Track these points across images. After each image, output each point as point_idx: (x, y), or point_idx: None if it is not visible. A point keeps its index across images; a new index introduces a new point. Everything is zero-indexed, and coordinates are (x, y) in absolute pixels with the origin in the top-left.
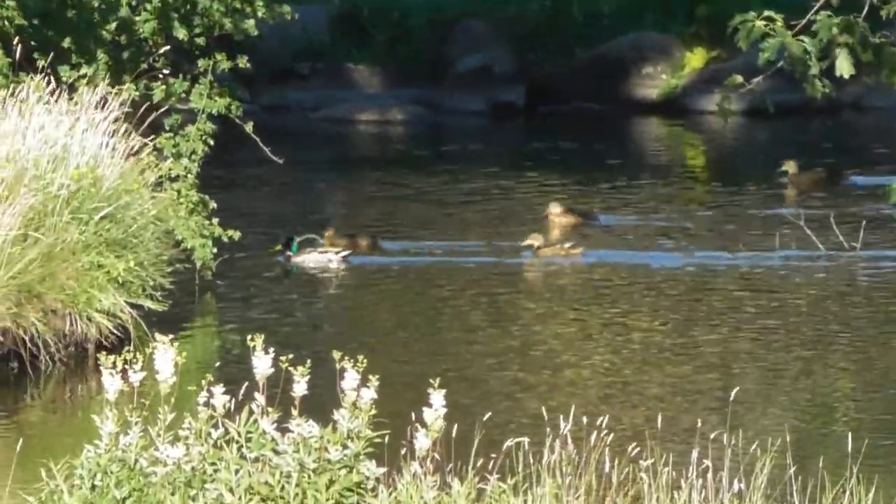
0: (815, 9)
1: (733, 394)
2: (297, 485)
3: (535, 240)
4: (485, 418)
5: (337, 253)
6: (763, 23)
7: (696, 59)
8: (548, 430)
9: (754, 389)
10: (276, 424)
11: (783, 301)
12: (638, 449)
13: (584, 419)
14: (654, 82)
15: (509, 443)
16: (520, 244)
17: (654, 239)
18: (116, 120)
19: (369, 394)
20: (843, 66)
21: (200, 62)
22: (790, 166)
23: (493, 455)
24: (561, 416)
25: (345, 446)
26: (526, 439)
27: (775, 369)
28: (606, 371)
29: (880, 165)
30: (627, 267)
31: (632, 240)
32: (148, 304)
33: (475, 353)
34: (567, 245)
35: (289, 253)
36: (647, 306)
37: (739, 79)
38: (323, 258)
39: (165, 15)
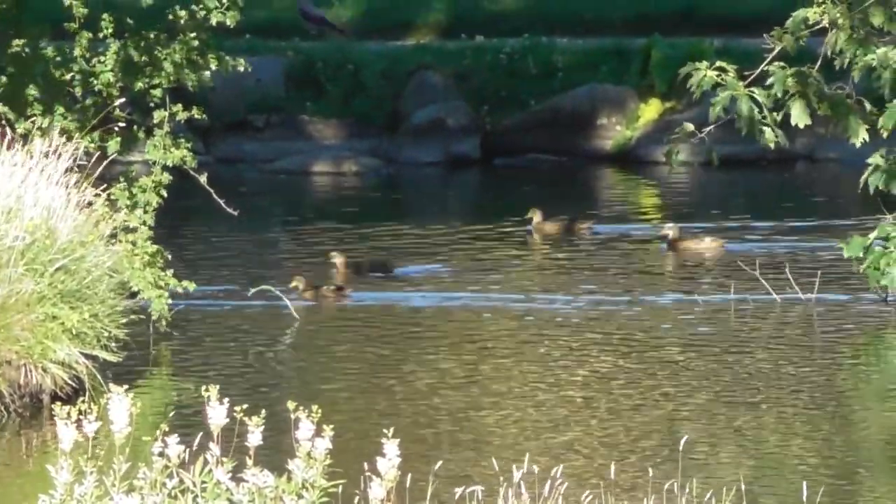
0: (768, 59)
1: (682, 442)
2: None
3: (298, 282)
4: (436, 467)
5: None
6: (715, 73)
7: (650, 110)
8: (501, 479)
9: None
10: (231, 474)
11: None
12: (591, 497)
13: (535, 468)
14: (609, 133)
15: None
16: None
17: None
18: (70, 171)
19: (324, 443)
20: (798, 117)
21: (156, 114)
22: (535, 214)
23: None
24: (514, 466)
25: (300, 496)
26: (479, 488)
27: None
28: (551, 416)
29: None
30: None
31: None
32: (103, 354)
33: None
34: (332, 287)
35: None
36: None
37: (691, 127)
38: None
39: (121, 67)
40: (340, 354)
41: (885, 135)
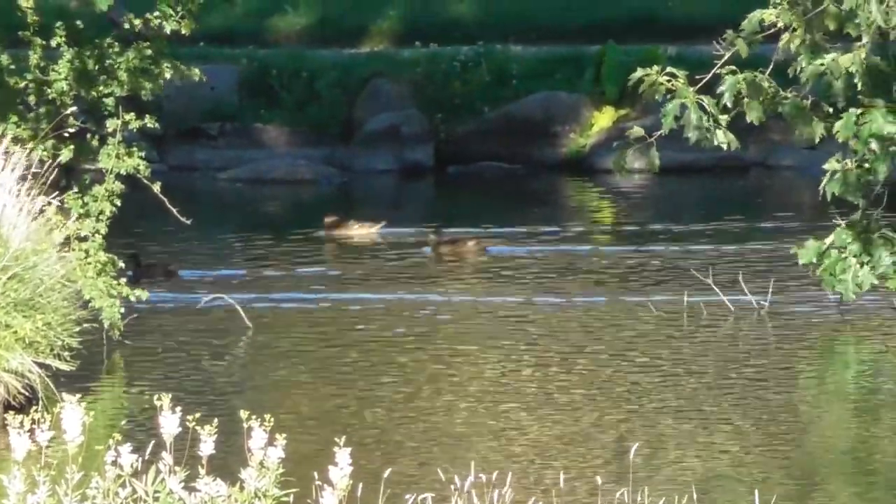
0: (719, 64)
1: (633, 450)
2: None
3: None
4: (385, 474)
5: None
6: (665, 78)
7: (604, 118)
8: (452, 487)
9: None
10: (183, 483)
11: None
12: None
13: (483, 476)
14: (563, 142)
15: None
16: None
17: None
18: (24, 179)
19: (276, 452)
20: (753, 113)
21: (109, 122)
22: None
23: None
24: (461, 474)
25: None
26: (430, 496)
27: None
28: (498, 419)
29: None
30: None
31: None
32: (56, 363)
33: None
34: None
35: None
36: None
37: (640, 131)
38: None
39: (75, 75)
40: (292, 361)
41: (840, 140)
